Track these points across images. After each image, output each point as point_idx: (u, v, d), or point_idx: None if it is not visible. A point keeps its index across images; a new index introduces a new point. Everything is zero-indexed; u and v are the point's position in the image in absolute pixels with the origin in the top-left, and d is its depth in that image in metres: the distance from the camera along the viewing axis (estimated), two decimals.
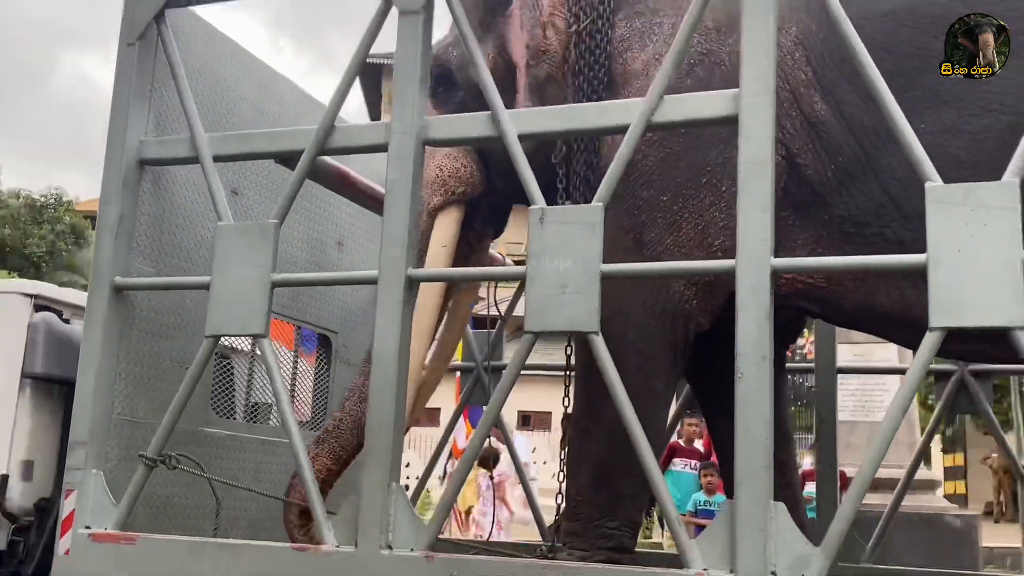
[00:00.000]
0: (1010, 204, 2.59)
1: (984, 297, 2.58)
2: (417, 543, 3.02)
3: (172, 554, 3.29)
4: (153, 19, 3.70)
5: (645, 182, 3.45)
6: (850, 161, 3.31)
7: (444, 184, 3.93)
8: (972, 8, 3.20)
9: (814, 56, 3.36)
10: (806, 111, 3.33)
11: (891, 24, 3.23)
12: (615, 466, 3.37)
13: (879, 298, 3.31)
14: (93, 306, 3.55)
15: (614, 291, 3.25)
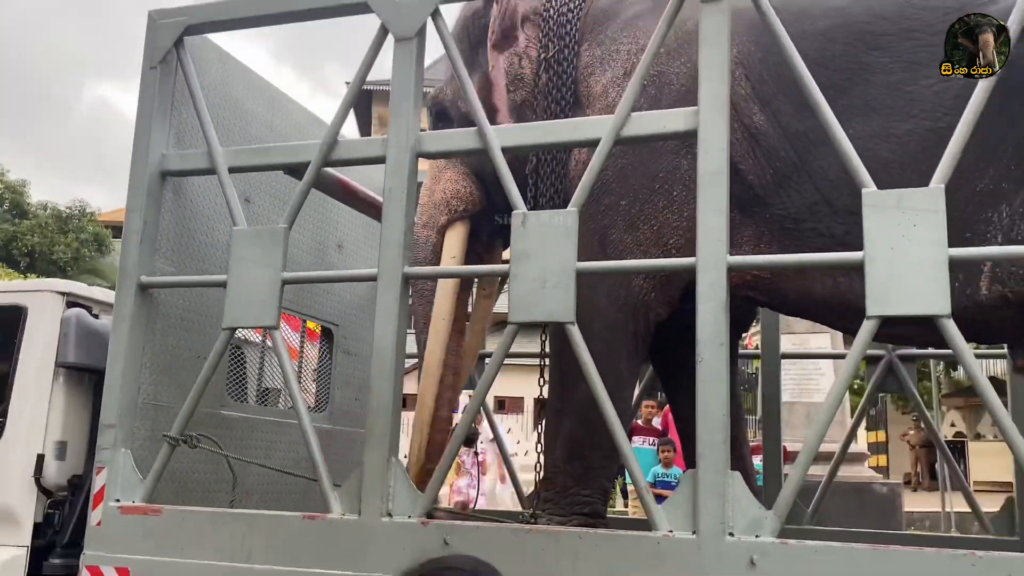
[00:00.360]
0: (936, 207, 2.64)
1: (914, 289, 2.62)
2: (414, 511, 3.03)
3: (194, 524, 3.27)
4: (173, 45, 3.68)
5: (606, 190, 3.48)
6: (786, 165, 3.34)
7: (448, 204, 3.96)
8: (897, 26, 3.24)
9: (752, 73, 3.38)
10: (746, 122, 3.34)
11: (824, 41, 3.25)
12: (587, 440, 3.39)
13: (816, 288, 3.34)
14: (121, 302, 3.53)
15: (582, 286, 3.27)
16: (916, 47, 3.20)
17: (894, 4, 3.29)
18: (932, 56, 3.15)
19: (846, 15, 3.33)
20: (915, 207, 2.66)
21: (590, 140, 3.13)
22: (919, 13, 3.23)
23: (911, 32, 3.22)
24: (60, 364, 3.94)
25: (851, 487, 6.96)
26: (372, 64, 3.45)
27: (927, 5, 3.23)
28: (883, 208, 2.70)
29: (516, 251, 3.02)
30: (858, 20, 3.30)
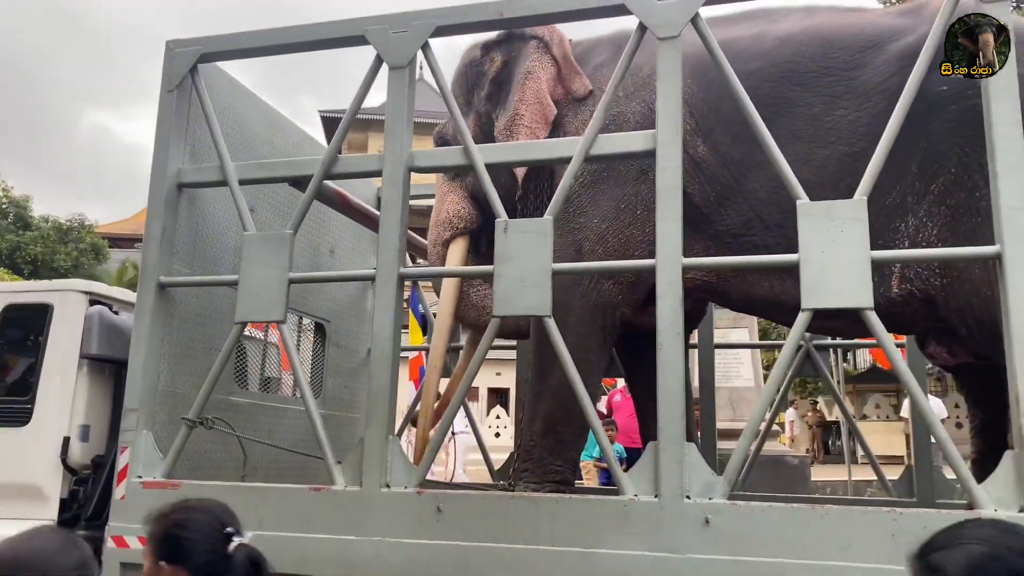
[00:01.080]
0: (860, 216, 2.69)
1: (841, 286, 2.67)
2: (410, 482, 3.00)
3: (211, 496, 3.13)
4: (188, 72, 3.60)
5: (581, 211, 3.55)
6: (725, 188, 3.39)
7: (450, 223, 3.98)
8: (817, 65, 3.30)
9: (695, 110, 3.43)
10: (691, 153, 3.38)
11: (756, 79, 3.27)
12: (560, 418, 3.39)
13: (755, 290, 3.40)
14: (142, 300, 3.43)
15: (560, 288, 3.28)
16: (833, 82, 3.27)
17: (815, 45, 3.35)
18: (847, 89, 3.23)
19: (773, 57, 3.38)
20: (842, 216, 2.72)
21: (563, 158, 3.14)
22: (836, 52, 3.29)
23: (829, 70, 3.28)
24: (84, 355, 3.83)
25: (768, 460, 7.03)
26: (368, 89, 3.41)
27: (844, 45, 3.30)
28: (815, 217, 2.75)
29: (499, 254, 3.01)
30: (784, 61, 3.36)
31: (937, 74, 3.00)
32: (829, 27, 3.41)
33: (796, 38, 3.40)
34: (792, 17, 3.58)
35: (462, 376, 3.92)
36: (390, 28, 3.33)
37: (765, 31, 3.52)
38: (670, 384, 2.76)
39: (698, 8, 3.00)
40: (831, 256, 2.69)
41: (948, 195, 3.06)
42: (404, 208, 3.22)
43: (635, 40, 3.09)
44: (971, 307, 3.04)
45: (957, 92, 3.02)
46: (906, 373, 2.67)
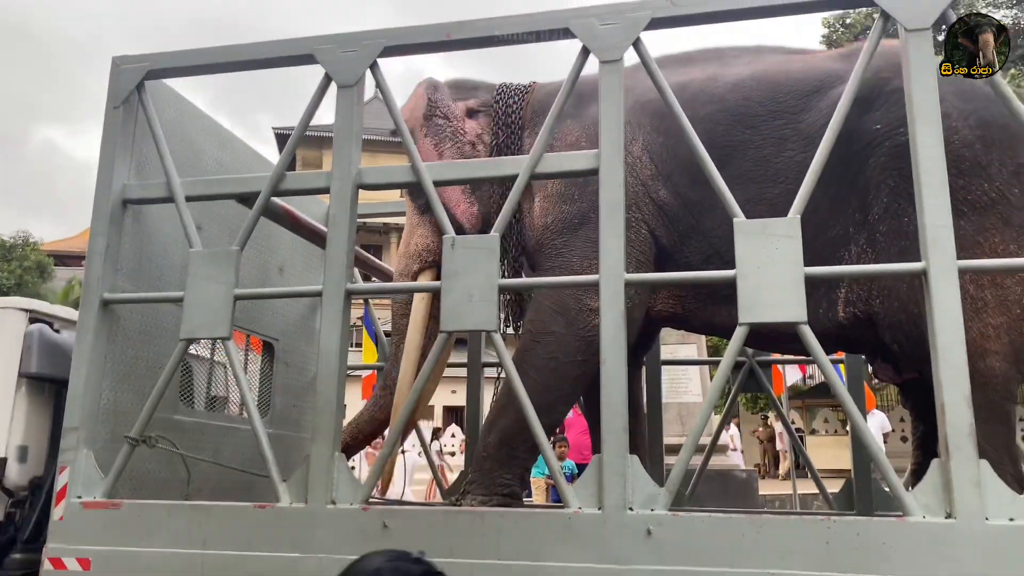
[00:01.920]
0: (794, 233, 2.79)
1: (777, 301, 2.75)
2: (355, 499, 2.99)
3: (153, 515, 3.14)
4: (135, 88, 3.58)
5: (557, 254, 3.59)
6: (686, 227, 3.54)
7: (420, 255, 3.98)
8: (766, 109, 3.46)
9: (656, 156, 3.56)
10: (654, 197, 3.54)
11: (710, 124, 3.42)
12: (517, 434, 3.41)
13: (716, 318, 3.56)
14: (85, 316, 3.38)
15: (547, 318, 3.46)
16: (782, 126, 3.43)
17: (764, 91, 3.50)
18: (795, 132, 3.38)
19: (725, 102, 3.53)
20: (777, 233, 2.81)
21: (509, 176, 3.19)
22: (784, 97, 3.46)
23: (778, 113, 3.44)
24: (23, 374, 3.75)
25: (716, 474, 7.13)
26: (317, 106, 3.43)
27: (790, 90, 3.46)
28: (751, 234, 2.84)
29: (447, 270, 3.04)
30: (735, 105, 3.51)
31: (872, 114, 3.25)
32: (776, 71, 3.58)
33: (746, 83, 3.55)
34: (741, 60, 3.74)
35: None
36: (339, 48, 3.37)
37: (717, 75, 3.66)
38: (613, 397, 2.81)
39: (639, 33, 3.09)
40: (766, 272, 2.77)
41: (881, 222, 3.24)
42: (352, 225, 3.24)
43: (579, 63, 3.17)
44: (900, 324, 3.21)
45: (891, 130, 3.20)
46: (839, 387, 2.77)
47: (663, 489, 2.76)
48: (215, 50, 3.62)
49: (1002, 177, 3.10)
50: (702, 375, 8.63)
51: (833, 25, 21.48)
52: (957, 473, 2.52)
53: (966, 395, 2.55)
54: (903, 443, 11.12)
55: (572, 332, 3.45)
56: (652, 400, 5.08)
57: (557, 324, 3.49)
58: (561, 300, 3.48)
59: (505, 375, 3.68)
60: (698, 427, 2.95)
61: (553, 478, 3.01)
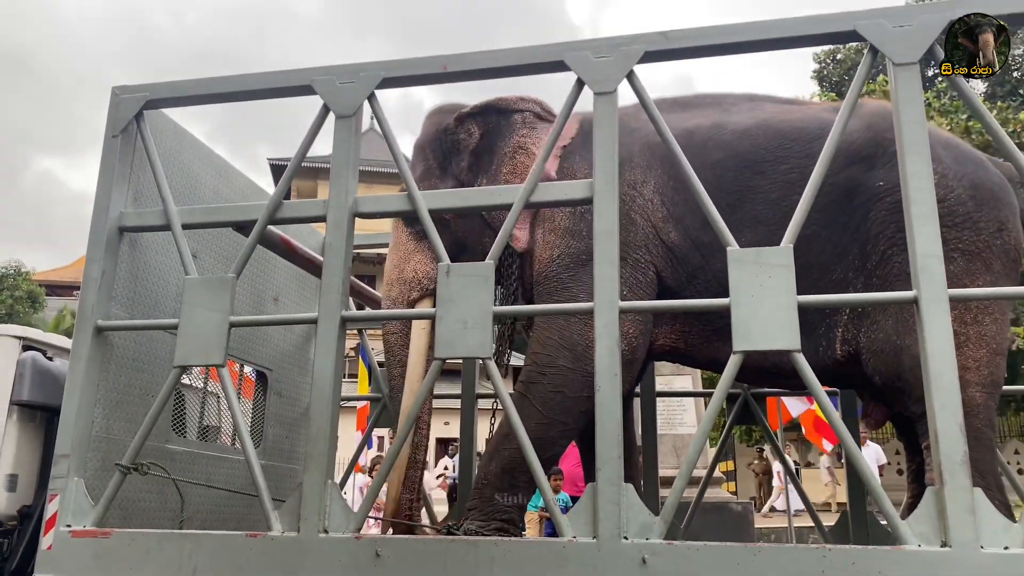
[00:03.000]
0: (787, 262, 2.82)
1: (770, 329, 2.77)
2: (348, 527, 2.97)
3: (142, 544, 3.10)
4: (133, 117, 3.62)
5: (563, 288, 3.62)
6: (695, 267, 3.63)
7: (420, 282, 3.99)
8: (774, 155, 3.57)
9: (667, 199, 3.65)
10: (664, 239, 3.64)
11: (720, 170, 3.56)
12: (520, 464, 3.40)
13: (719, 354, 3.60)
14: (78, 343, 3.37)
15: (551, 350, 3.50)
16: (788, 170, 3.57)
17: (771, 137, 3.65)
18: (802, 176, 3.47)
19: (734, 148, 3.65)
20: (770, 262, 2.84)
21: (504, 204, 3.22)
22: (790, 144, 3.61)
23: (784, 159, 3.58)
24: (15, 402, 3.75)
25: (711, 506, 7.09)
26: (315, 136, 3.46)
27: (797, 137, 3.61)
28: (744, 263, 2.86)
29: (441, 297, 3.05)
30: (743, 152, 3.64)
31: (875, 172, 3.49)
32: (779, 120, 3.73)
33: (752, 132, 3.69)
34: (742, 108, 3.87)
35: None
36: (337, 79, 3.41)
37: (722, 122, 3.78)
38: (607, 425, 2.81)
39: (632, 65, 3.15)
40: (760, 300, 2.79)
41: (877, 268, 3.46)
42: (348, 253, 3.26)
43: (573, 95, 3.22)
44: (883, 354, 3.38)
45: (892, 187, 3.37)
46: (835, 417, 2.77)
47: (658, 518, 2.76)
48: (213, 80, 3.67)
49: (988, 231, 3.43)
50: (697, 407, 8.63)
51: (824, 61, 21.82)
52: (952, 501, 2.53)
53: (959, 422, 2.57)
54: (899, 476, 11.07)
55: (578, 367, 3.47)
56: (647, 432, 5.07)
57: (563, 358, 3.52)
58: (568, 335, 3.52)
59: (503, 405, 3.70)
60: (691, 457, 2.95)
61: (548, 509, 3.00)
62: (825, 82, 21.33)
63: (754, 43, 3.18)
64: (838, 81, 20.96)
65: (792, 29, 3.13)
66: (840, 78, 21.04)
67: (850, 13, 3.09)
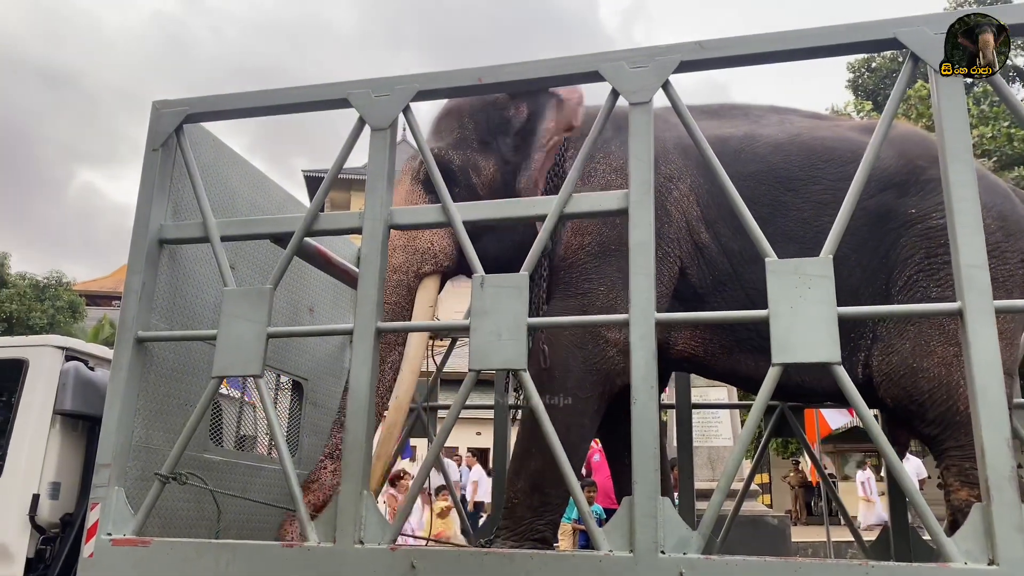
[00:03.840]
0: (827, 273, 2.77)
1: (810, 341, 2.72)
2: (383, 539, 2.97)
3: (181, 554, 3.14)
4: (173, 131, 3.68)
5: (586, 278, 3.60)
6: (723, 274, 3.59)
7: (435, 257, 3.90)
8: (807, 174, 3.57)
9: (701, 200, 3.62)
10: (695, 239, 3.61)
11: (753, 182, 3.52)
12: (548, 478, 3.39)
13: (740, 367, 3.57)
14: (119, 354, 3.43)
15: (562, 351, 3.44)
16: (821, 191, 3.56)
17: (804, 155, 3.64)
18: (833, 198, 3.47)
19: (768, 162, 3.64)
20: (809, 273, 2.80)
21: (539, 216, 3.21)
22: (823, 165, 3.60)
23: (817, 179, 3.57)
24: (57, 411, 3.81)
25: (747, 520, 7.02)
26: (351, 149, 3.49)
27: (829, 158, 3.61)
28: (783, 274, 2.82)
29: (475, 308, 3.05)
30: (778, 167, 3.62)
31: (908, 199, 3.51)
32: (812, 136, 3.71)
33: (785, 146, 3.68)
34: (770, 120, 3.86)
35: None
36: (372, 92, 3.44)
37: (754, 133, 3.76)
38: (644, 438, 2.78)
39: (668, 75, 3.13)
40: (799, 312, 2.75)
41: (901, 293, 3.48)
42: (383, 264, 3.27)
43: (608, 105, 3.21)
44: (897, 376, 3.41)
45: (924, 214, 3.48)
46: (876, 429, 2.71)
47: (696, 532, 2.72)
48: (252, 95, 3.72)
49: (1013, 261, 3.53)
50: (732, 419, 8.53)
51: (858, 69, 21.56)
52: (999, 518, 2.46)
53: (1006, 436, 2.50)
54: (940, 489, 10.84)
55: (589, 366, 3.46)
56: (684, 445, 5.02)
57: (575, 359, 3.48)
58: (578, 333, 3.50)
59: (524, 416, 3.68)
60: (729, 471, 2.91)
61: (584, 522, 2.97)
62: (860, 91, 21.06)
63: (791, 52, 3.14)
64: (873, 90, 20.70)
65: (830, 37, 3.09)
66: (875, 87, 20.77)
67: (890, 20, 3.04)
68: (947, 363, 3.37)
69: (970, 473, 3.28)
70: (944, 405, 3.37)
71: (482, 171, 3.88)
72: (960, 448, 3.35)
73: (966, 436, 3.29)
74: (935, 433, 3.42)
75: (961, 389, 3.32)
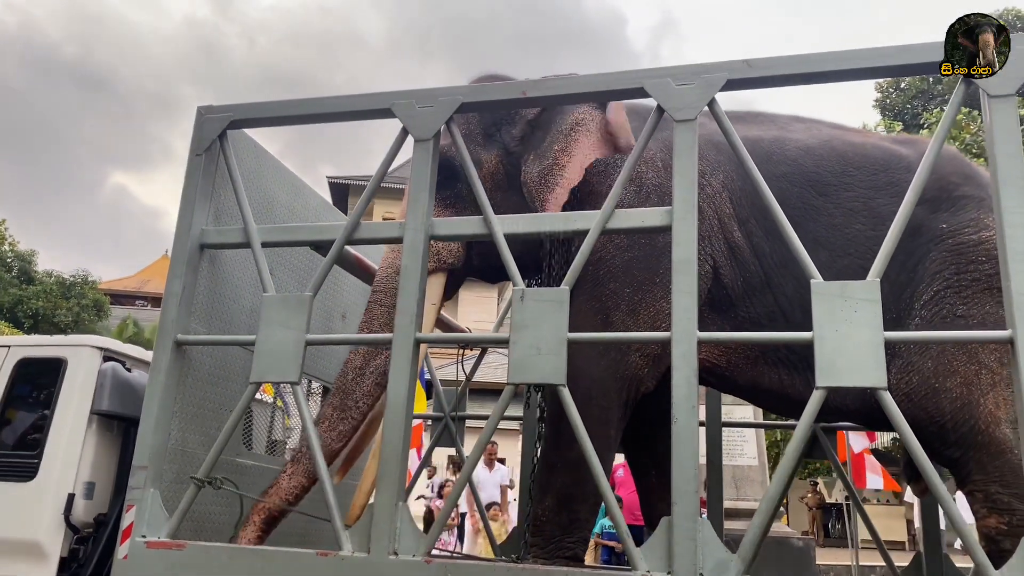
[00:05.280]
0: (873, 297, 2.74)
1: (856, 365, 2.68)
2: (418, 550, 2.96)
3: (215, 559, 3.14)
4: (217, 137, 3.70)
5: (612, 277, 3.53)
6: (754, 278, 3.49)
7: (439, 254, 3.87)
8: (839, 179, 3.49)
9: (734, 196, 3.55)
10: (727, 236, 3.52)
11: (784, 183, 3.43)
12: (576, 494, 3.36)
13: (763, 380, 3.48)
14: (158, 357, 3.44)
15: (583, 359, 3.33)
16: (852, 198, 3.49)
17: (835, 161, 3.56)
18: (864, 205, 3.42)
19: (800, 165, 3.56)
20: (855, 296, 2.76)
21: (580, 230, 3.19)
22: (854, 171, 3.53)
23: (849, 185, 3.50)
24: (95, 412, 3.82)
25: (772, 541, 6.92)
26: (393, 158, 3.49)
27: (859, 165, 3.54)
28: (829, 296, 2.79)
29: (515, 321, 3.03)
30: (808, 170, 3.54)
31: (939, 215, 3.43)
32: (842, 143, 3.64)
33: (816, 150, 3.60)
34: (798, 128, 3.78)
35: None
36: (416, 103, 3.44)
37: (783, 137, 3.69)
38: (684, 458, 2.75)
39: (715, 94, 3.12)
40: (845, 335, 2.71)
41: (926, 307, 3.40)
42: (423, 275, 3.27)
43: (653, 121, 3.19)
44: (918, 396, 3.30)
45: (955, 230, 3.41)
46: (920, 454, 2.67)
47: (736, 556, 2.69)
48: (295, 103, 3.74)
49: None
50: (758, 438, 8.44)
51: (886, 90, 21.44)
52: None
53: None
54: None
55: (611, 374, 3.42)
56: (712, 463, 4.97)
57: (597, 367, 3.43)
58: None
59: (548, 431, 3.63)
60: (773, 495, 2.89)
61: (620, 538, 2.94)
62: (888, 111, 20.93)
63: (837, 73, 3.12)
64: (901, 110, 20.56)
65: (877, 59, 3.06)
66: (903, 107, 20.64)
67: (937, 43, 3.01)
68: (969, 383, 3.26)
69: (997, 498, 3.19)
70: (967, 426, 3.25)
71: (484, 165, 3.82)
72: (984, 472, 3.24)
73: (990, 459, 3.21)
74: (957, 456, 3.31)
75: (983, 408, 3.22)
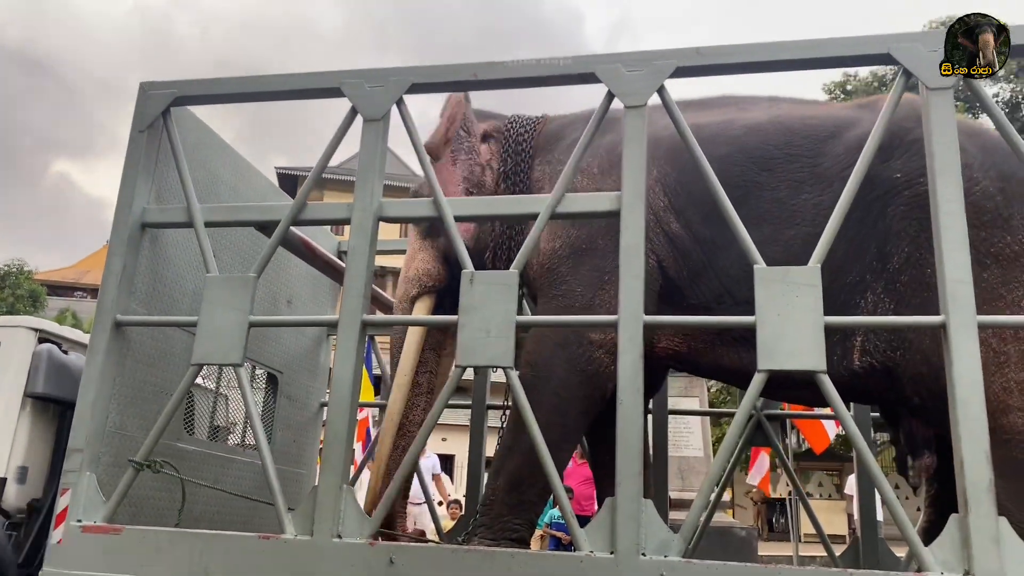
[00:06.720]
0: (814, 282, 2.80)
1: (796, 348, 2.75)
2: (362, 533, 2.95)
3: (153, 542, 3.08)
4: (160, 113, 3.62)
5: (561, 280, 3.57)
6: (697, 264, 3.52)
7: (419, 280, 3.97)
8: (783, 152, 3.49)
9: (669, 189, 3.57)
10: (665, 229, 3.53)
11: (725, 164, 3.41)
12: (527, 478, 3.37)
13: (724, 361, 3.50)
14: (96, 337, 3.36)
15: (544, 351, 3.40)
16: (798, 168, 3.45)
17: (781, 134, 3.54)
18: (811, 175, 3.41)
19: (742, 143, 3.56)
20: (797, 281, 2.82)
21: (530, 214, 3.21)
22: (801, 141, 3.50)
23: (794, 157, 3.47)
24: (28, 394, 3.72)
25: (715, 530, 7.04)
26: (341, 139, 3.46)
27: (807, 135, 3.51)
28: (771, 281, 2.85)
29: (464, 304, 3.04)
30: (751, 147, 3.54)
31: (892, 163, 3.29)
32: (791, 117, 3.63)
33: (763, 127, 3.60)
34: (758, 107, 3.79)
35: None
36: (366, 82, 3.42)
37: (733, 119, 3.71)
38: (629, 440, 2.79)
39: (664, 80, 3.16)
40: (786, 319, 2.77)
41: (902, 272, 3.23)
42: (371, 256, 3.25)
43: (603, 107, 3.22)
44: (922, 377, 3.15)
45: (910, 179, 3.23)
46: (859, 440, 2.75)
47: (677, 536, 2.73)
48: (243, 80, 3.68)
49: (1023, 231, 3.12)
50: (704, 430, 8.58)
51: (834, 92, 21.90)
52: (976, 529, 2.50)
53: (985, 450, 2.54)
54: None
55: (573, 367, 3.43)
56: (659, 452, 5.02)
57: (558, 359, 3.46)
58: (562, 334, 3.48)
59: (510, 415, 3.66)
60: (714, 473, 2.94)
61: (565, 520, 2.97)
62: None
63: (786, 62, 3.19)
64: None
65: (825, 50, 3.13)
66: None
67: (884, 36, 3.10)
68: None
69: None
70: None
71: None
72: None
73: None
74: None
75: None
